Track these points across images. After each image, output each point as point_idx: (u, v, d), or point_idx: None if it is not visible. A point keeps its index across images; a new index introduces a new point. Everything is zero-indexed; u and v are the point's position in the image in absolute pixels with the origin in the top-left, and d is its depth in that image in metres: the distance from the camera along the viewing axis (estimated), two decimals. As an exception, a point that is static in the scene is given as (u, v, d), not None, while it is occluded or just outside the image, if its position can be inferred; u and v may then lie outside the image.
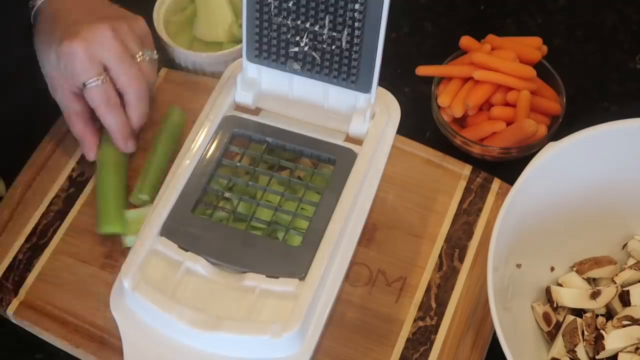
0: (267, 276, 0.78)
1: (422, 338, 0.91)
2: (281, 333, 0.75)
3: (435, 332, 0.91)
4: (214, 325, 0.75)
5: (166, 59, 1.08)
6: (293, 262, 0.78)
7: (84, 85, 0.91)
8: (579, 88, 1.10)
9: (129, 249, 0.81)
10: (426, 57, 1.11)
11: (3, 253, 0.95)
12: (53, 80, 0.94)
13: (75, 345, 0.90)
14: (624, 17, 1.18)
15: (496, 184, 1.00)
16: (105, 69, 0.92)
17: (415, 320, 0.92)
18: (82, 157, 1.01)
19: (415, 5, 1.19)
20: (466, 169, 1.01)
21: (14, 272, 0.94)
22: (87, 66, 0.91)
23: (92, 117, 0.96)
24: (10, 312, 0.92)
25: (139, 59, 0.94)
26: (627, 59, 1.14)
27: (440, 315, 0.92)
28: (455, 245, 0.96)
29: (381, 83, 0.84)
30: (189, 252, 0.79)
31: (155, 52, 0.97)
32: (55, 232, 0.97)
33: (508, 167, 0.99)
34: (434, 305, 0.93)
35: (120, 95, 0.94)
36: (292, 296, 0.77)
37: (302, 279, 0.77)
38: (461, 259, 0.95)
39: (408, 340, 0.91)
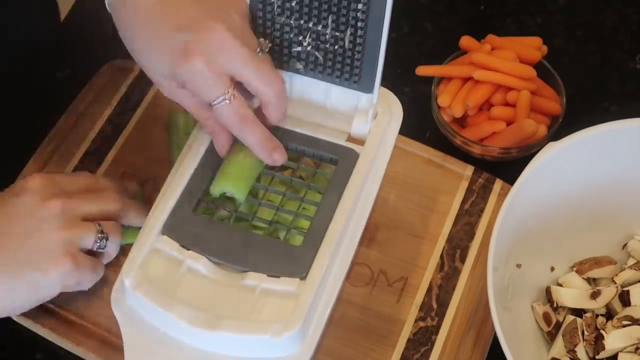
0: (268, 276, 0.78)
1: (423, 338, 0.91)
2: (282, 332, 0.75)
3: (436, 333, 0.91)
4: (215, 324, 0.75)
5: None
6: (294, 262, 0.78)
7: (212, 105, 0.79)
8: (579, 88, 1.10)
9: (130, 247, 0.81)
10: (426, 57, 1.11)
11: (5, 251, 0.95)
12: (168, 89, 0.82)
13: (76, 344, 0.90)
14: (624, 17, 1.18)
15: (498, 184, 1.00)
16: (232, 78, 0.79)
17: (416, 321, 0.92)
18: (85, 155, 1.01)
19: (415, 5, 1.19)
20: (468, 170, 1.01)
21: (15, 271, 0.94)
22: (212, 84, 0.77)
23: None
24: (11, 310, 0.92)
25: (258, 52, 0.80)
26: (627, 59, 1.14)
27: (441, 315, 0.92)
28: (457, 246, 0.96)
29: (381, 83, 0.84)
30: (190, 251, 0.79)
31: (266, 40, 0.83)
32: (56, 230, 0.97)
33: (508, 167, 0.99)
34: (435, 305, 0.93)
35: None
36: (293, 296, 0.77)
37: (303, 278, 0.77)
38: (462, 260, 0.95)
39: (409, 340, 0.91)
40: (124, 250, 0.93)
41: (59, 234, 0.83)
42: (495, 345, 0.83)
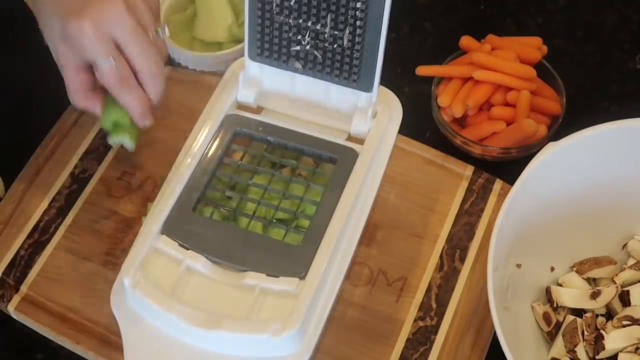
0: (268, 275, 0.78)
1: (422, 338, 0.91)
2: (281, 332, 0.75)
3: (435, 333, 0.91)
4: (214, 323, 0.75)
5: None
6: (293, 261, 0.78)
7: (95, 63, 0.85)
8: (579, 88, 1.10)
9: (129, 246, 0.81)
10: (426, 57, 1.11)
11: (5, 249, 0.96)
12: (57, 49, 0.87)
13: (76, 342, 0.90)
14: (624, 17, 1.18)
15: (498, 184, 1.00)
16: (117, 46, 0.85)
17: (415, 320, 0.92)
18: (85, 154, 1.01)
19: (415, 5, 1.19)
20: (468, 170, 1.01)
21: (16, 268, 0.94)
22: (98, 45, 0.84)
23: (96, 85, 0.91)
24: (11, 308, 0.92)
25: (151, 35, 0.87)
26: (627, 59, 1.14)
27: (440, 315, 0.92)
28: (457, 246, 0.96)
29: (381, 83, 0.84)
30: (189, 251, 0.79)
31: (166, 26, 0.91)
32: (57, 228, 0.97)
33: (508, 167, 0.99)
34: (434, 305, 0.93)
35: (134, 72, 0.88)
36: (292, 295, 0.77)
37: (302, 278, 0.77)
38: (462, 260, 0.95)
39: (408, 340, 0.91)
40: (125, 249, 0.94)
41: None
42: (495, 345, 0.82)
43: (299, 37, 0.82)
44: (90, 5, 0.83)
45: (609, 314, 0.91)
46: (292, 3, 0.80)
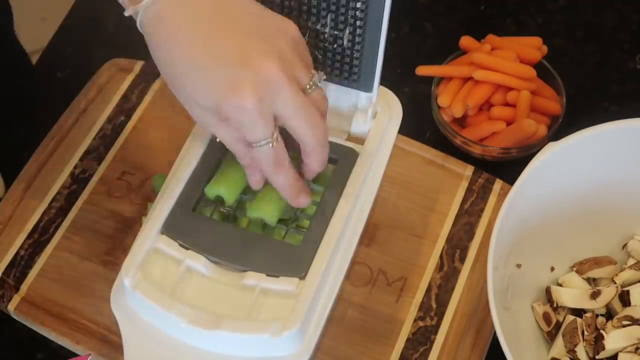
0: (268, 275, 0.78)
1: (422, 338, 0.91)
2: (281, 332, 0.75)
3: (435, 333, 0.91)
4: (214, 323, 0.75)
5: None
6: (293, 261, 0.78)
7: (252, 145, 0.74)
8: (579, 88, 1.10)
9: (129, 246, 0.81)
10: (426, 57, 1.11)
11: (5, 249, 0.96)
12: (204, 120, 0.75)
13: (76, 342, 0.90)
14: (624, 17, 1.18)
15: (498, 184, 1.00)
16: (276, 119, 0.73)
17: (415, 320, 0.92)
18: (85, 154, 1.01)
19: (415, 5, 1.19)
20: (468, 170, 1.01)
21: (16, 268, 0.94)
22: (259, 125, 0.72)
23: None
24: (11, 308, 0.92)
25: (309, 90, 0.74)
26: (627, 59, 1.14)
27: (440, 315, 0.92)
28: (457, 246, 0.96)
29: (381, 83, 0.84)
30: (189, 251, 0.79)
31: (321, 72, 0.77)
32: (57, 228, 0.97)
33: (508, 167, 0.99)
34: (434, 305, 0.93)
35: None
36: (292, 295, 0.77)
37: (302, 278, 0.77)
38: (462, 260, 0.95)
39: (408, 340, 0.91)
40: (125, 249, 0.94)
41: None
42: (495, 345, 0.82)
43: (299, 37, 0.82)
44: (246, 76, 0.70)
45: (609, 314, 0.91)
46: (292, 2, 0.80)
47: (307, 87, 0.74)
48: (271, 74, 0.70)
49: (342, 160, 0.84)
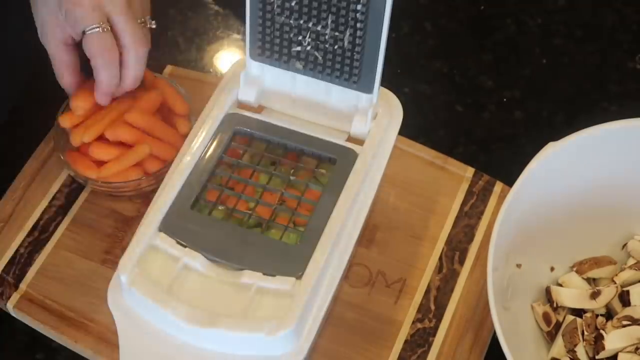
0: (264, 274, 0.78)
1: (420, 340, 0.91)
2: (276, 331, 0.75)
3: (434, 334, 0.91)
4: (210, 321, 0.75)
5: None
6: (290, 261, 0.78)
7: (84, 32, 0.88)
8: (579, 88, 1.10)
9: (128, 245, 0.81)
10: (426, 57, 1.11)
11: (5, 247, 0.96)
12: (47, 25, 0.90)
13: (74, 341, 0.90)
14: (624, 17, 1.18)
15: (498, 186, 1.00)
16: (109, 20, 0.88)
17: (413, 322, 0.92)
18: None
19: (415, 5, 1.19)
20: (468, 172, 1.01)
21: (15, 266, 0.94)
22: (91, 13, 0.87)
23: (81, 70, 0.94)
24: (10, 305, 0.92)
25: (140, 23, 0.91)
26: (627, 59, 1.14)
27: (439, 317, 0.92)
28: (456, 248, 0.96)
29: (381, 83, 0.84)
30: (187, 248, 0.79)
31: (153, 20, 0.93)
32: (56, 227, 0.97)
33: (508, 167, 0.99)
34: (432, 307, 0.93)
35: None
36: (288, 295, 0.77)
37: (298, 277, 0.77)
38: (461, 262, 0.95)
39: (406, 342, 0.91)
40: (124, 248, 0.94)
41: None
42: (495, 346, 0.83)
43: (300, 37, 0.82)
44: None
45: (609, 314, 0.91)
46: (293, 4, 0.80)
47: (139, 20, 0.90)
48: None
49: (341, 160, 0.84)
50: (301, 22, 0.80)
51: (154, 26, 0.93)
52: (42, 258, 0.95)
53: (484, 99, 1.11)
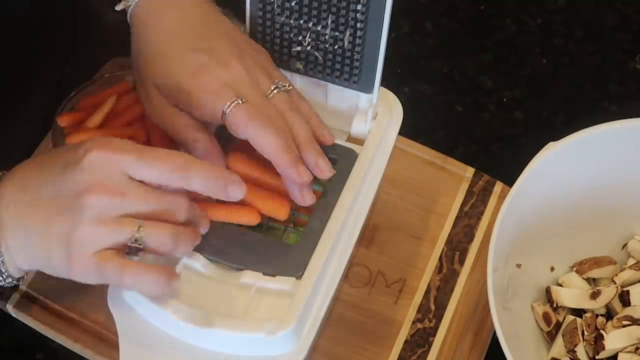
0: (264, 274, 0.78)
1: (420, 340, 0.91)
2: (276, 331, 0.75)
3: (434, 335, 0.91)
4: (210, 322, 0.75)
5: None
6: (290, 261, 0.78)
7: (223, 112, 0.76)
8: (579, 88, 1.10)
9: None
10: (426, 57, 1.11)
11: (5, 247, 0.95)
12: (158, 105, 0.80)
13: (74, 340, 0.90)
14: (624, 17, 1.18)
15: (498, 187, 1.00)
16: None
17: (413, 322, 0.92)
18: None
19: (415, 5, 1.19)
20: (468, 172, 1.01)
21: (15, 267, 0.94)
22: (220, 95, 0.76)
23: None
24: (10, 306, 0.92)
25: (272, 90, 0.79)
26: (627, 59, 1.14)
27: (439, 317, 0.92)
28: (456, 248, 0.96)
29: (381, 83, 0.84)
30: (187, 248, 0.79)
31: (289, 84, 0.81)
32: (56, 227, 0.97)
33: (508, 167, 0.99)
34: (432, 307, 0.93)
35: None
36: (288, 295, 0.77)
37: (298, 277, 0.77)
38: (461, 262, 0.95)
39: (406, 342, 0.91)
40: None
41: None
42: (495, 346, 0.83)
43: (300, 38, 0.82)
44: (210, 65, 0.77)
45: (609, 314, 0.91)
46: (292, 4, 0.80)
47: (269, 90, 0.78)
48: (234, 67, 0.77)
49: (341, 160, 0.84)
50: (301, 22, 0.81)
51: (290, 87, 0.81)
52: (42, 258, 0.95)
53: (484, 99, 1.11)
